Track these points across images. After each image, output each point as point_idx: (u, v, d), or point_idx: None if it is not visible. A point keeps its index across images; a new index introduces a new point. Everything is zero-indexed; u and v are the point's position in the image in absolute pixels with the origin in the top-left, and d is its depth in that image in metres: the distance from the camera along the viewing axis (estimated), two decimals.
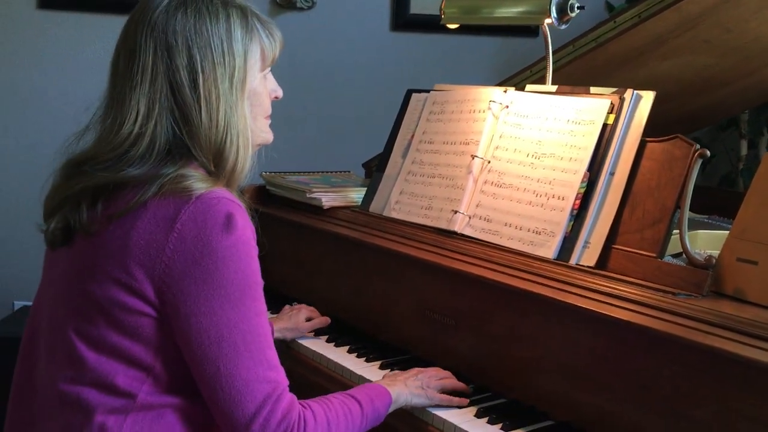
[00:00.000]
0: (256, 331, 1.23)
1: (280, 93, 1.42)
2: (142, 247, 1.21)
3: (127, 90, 1.26)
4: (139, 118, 1.25)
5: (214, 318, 1.20)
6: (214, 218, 1.21)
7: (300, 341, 1.84)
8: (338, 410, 1.32)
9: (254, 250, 1.25)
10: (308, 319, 1.90)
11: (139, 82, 1.25)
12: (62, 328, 1.27)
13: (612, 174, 1.55)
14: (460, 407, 1.50)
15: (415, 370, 1.56)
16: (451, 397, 1.52)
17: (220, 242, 1.20)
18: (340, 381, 1.67)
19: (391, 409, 1.44)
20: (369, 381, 1.55)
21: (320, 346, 1.81)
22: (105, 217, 1.24)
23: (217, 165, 1.29)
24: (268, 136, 1.42)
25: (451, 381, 1.56)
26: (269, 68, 1.39)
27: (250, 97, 1.33)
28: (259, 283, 1.26)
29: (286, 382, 1.27)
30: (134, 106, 1.25)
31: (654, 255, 1.44)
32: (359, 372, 1.66)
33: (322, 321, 1.90)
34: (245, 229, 1.24)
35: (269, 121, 1.42)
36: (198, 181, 1.24)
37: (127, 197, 1.23)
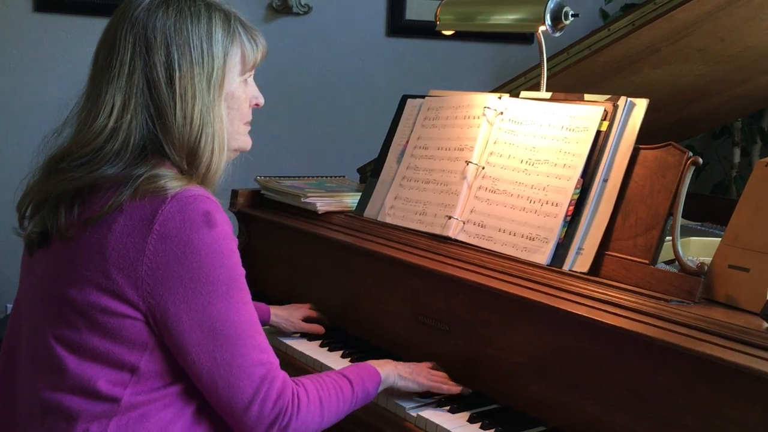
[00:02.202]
0: (246, 319, 1.26)
1: (261, 100, 1.42)
2: (121, 251, 1.21)
3: (104, 84, 1.27)
4: (114, 112, 1.25)
5: (204, 313, 1.22)
6: (192, 216, 1.22)
7: (293, 345, 1.85)
8: (330, 388, 1.36)
9: (234, 243, 1.27)
10: (305, 320, 1.92)
11: (117, 77, 1.26)
12: (42, 335, 1.27)
13: (605, 181, 1.56)
14: (452, 413, 1.50)
15: (411, 363, 1.58)
16: (441, 385, 1.54)
17: (201, 239, 1.21)
18: None
19: (380, 389, 1.47)
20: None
21: (313, 351, 1.81)
22: (81, 221, 1.24)
23: (191, 164, 1.29)
24: (245, 141, 1.42)
25: (445, 386, 1.56)
26: (250, 73, 1.39)
27: (227, 99, 1.33)
28: (242, 273, 1.28)
29: (277, 361, 1.30)
30: (109, 100, 1.26)
31: (647, 262, 1.45)
32: None
33: (315, 328, 1.90)
34: (224, 224, 1.25)
35: (248, 128, 1.42)
36: (171, 180, 1.24)
37: (102, 201, 1.23)
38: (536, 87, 1.90)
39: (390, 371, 1.50)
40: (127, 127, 1.25)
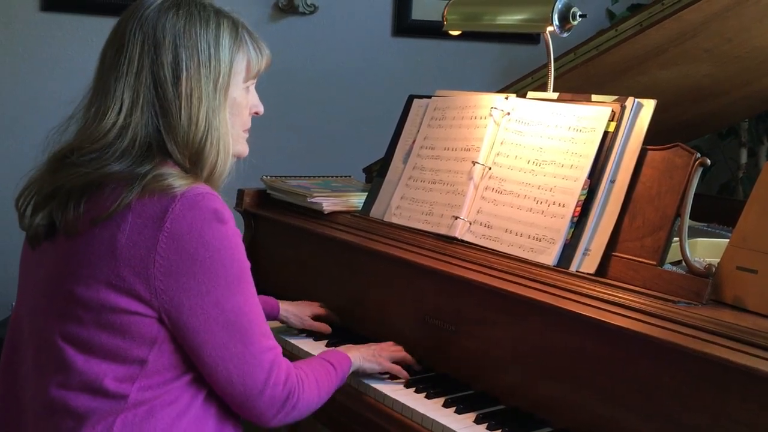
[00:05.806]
0: (255, 310, 1.33)
1: (261, 109, 1.45)
2: (131, 249, 1.22)
3: (112, 81, 1.29)
4: (124, 109, 1.28)
5: (219, 306, 1.26)
6: (203, 213, 1.25)
7: (299, 345, 1.85)
8: (320, 370, 1.47)
9: (241, 237, 1.32)
10: (314, 318, 1.93)
11: (125, 74, 1.29)
12: (48, 333, 1.27)
13: (612, 182, 1.55)
14: (458, 413, 1.50)
15: (372, 345, 1.68)
16: (400, 368, 1.63)
17: (213, 235, 1.25)
18: None
19: (350, 371, 1.58)
20: (366, 384, 1.63)
21: (319, 350, 1.80)
22: (88, 219, 1.25)
23: (195, 164, 1.32)
24: (243, 148, 1.45)
25: (402, 354, 1.67)
26: (253, 81, 1.42)
27: (230, 105, 1.36)
28: (249, 265, 1.33)
29: (279, 346, 1.37)
30: (119, 97, 1.28)
31: (654, 263, 1.44)
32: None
33: (322, 327, 1.91)
34: (232, 220, 1.30)
35: (246, 135, 1.45)
36: (177, 179, 1.27)
37: (110, 199, 1.25)
38: (543, 87, 1.90)
39: (356, 355, 1.60)
40: (136, 124, 1.28)
